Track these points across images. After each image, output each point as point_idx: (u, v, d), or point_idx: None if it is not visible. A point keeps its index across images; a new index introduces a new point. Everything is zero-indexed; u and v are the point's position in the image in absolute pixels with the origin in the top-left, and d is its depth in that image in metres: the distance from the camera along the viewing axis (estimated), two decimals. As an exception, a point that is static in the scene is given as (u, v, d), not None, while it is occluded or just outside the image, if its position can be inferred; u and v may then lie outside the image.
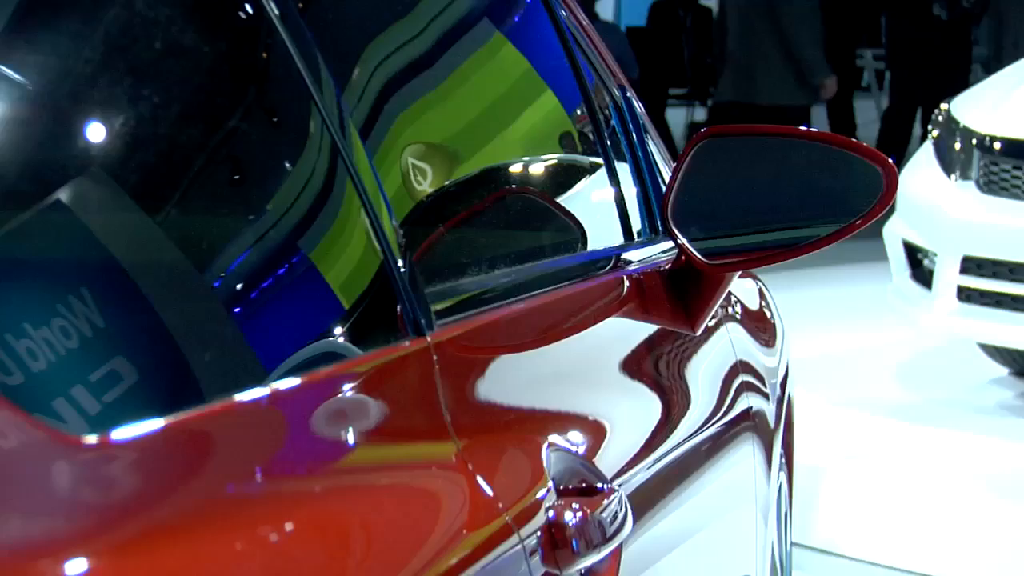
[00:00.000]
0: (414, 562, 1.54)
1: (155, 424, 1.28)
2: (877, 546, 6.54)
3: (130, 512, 1.23)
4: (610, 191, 2.69)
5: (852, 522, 6.62)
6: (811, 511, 4.61)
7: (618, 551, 1.95)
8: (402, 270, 1.78)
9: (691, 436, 2.56)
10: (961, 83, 12.32)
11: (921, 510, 6.89)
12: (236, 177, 1.69)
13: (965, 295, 7.88)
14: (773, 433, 3.32)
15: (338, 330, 1.69)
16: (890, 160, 2.70)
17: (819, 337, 6.14)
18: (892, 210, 3.34)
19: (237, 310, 1.57)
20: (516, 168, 2.51)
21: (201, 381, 1.42)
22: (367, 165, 1.80)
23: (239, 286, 1.59)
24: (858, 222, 2.63)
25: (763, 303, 3.51)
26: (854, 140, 2.89)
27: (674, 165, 2.75)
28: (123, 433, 1.24)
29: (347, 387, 1.62)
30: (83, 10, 1.52)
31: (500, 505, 1.73)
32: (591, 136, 2.76)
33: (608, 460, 2.09)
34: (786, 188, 2.71)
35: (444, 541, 1.62)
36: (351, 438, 1.59)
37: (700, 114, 14.84)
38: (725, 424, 2.81)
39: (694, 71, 15.15)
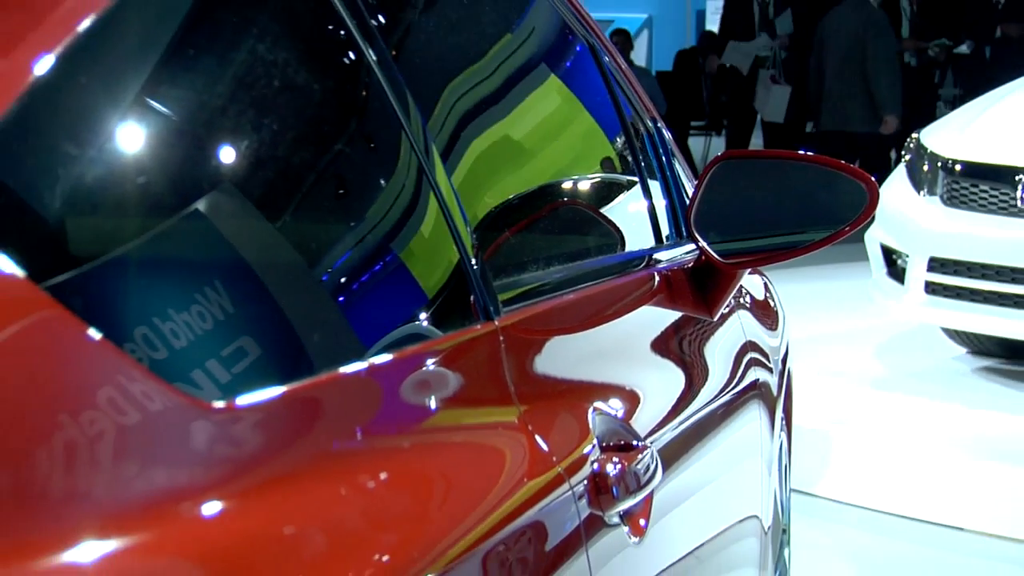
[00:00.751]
0: (484, 504, 1.55)
1: (274, 392, 1.30)
2: (859, 491, 6.54)
3: (252, 464, 1.25)
4: (643, 203, 2.70)
5: (840, 471, 6.62)
6: (806, 463, 4.59)
7: (650, 496, 1.96)
8: (475, 267, 1.79)
9: (709, 402, 2.56)
10: (928, 116, 12.26)
11: (894, 461, 6.90)
12: (341, 192, 1.70)
13: (931, 289, 7.87)
14: (776, 400, 3.32)
15: (423, 316, 1.70)
16: (872, 179, 2.72)
17: (813, 322, 6.12)
18: (873, 219, 3.31)
19: (341, 299, 1.58)
20: (567, 184, 2.52)
21: (312, 356, 1.44)
22: (447, 182, 1.81)
23: (342, 280, 1.60)
24: (846, 228, 2.67)
25: (768, 294, 3.51)
26: (843, 162, 2.90)
27: (696, 182, 2.76)
28: (247, 399, 1.26)
29: (430, 362, 1.62)
30: (218, 55, 1.52)
31: (554, 459, 1.74)
32: (628, 158, 2.78)
33: (642, 422, 2.09)
34: (788, 201, 2.72)
35: (509, 487, 1.63)
36: (433, 403, 1.60)
37: (716, 143, 14.77)
38: (736, 392, 2.81)
39: (711, 107, 15.09)
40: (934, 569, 5.93)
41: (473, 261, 1.81)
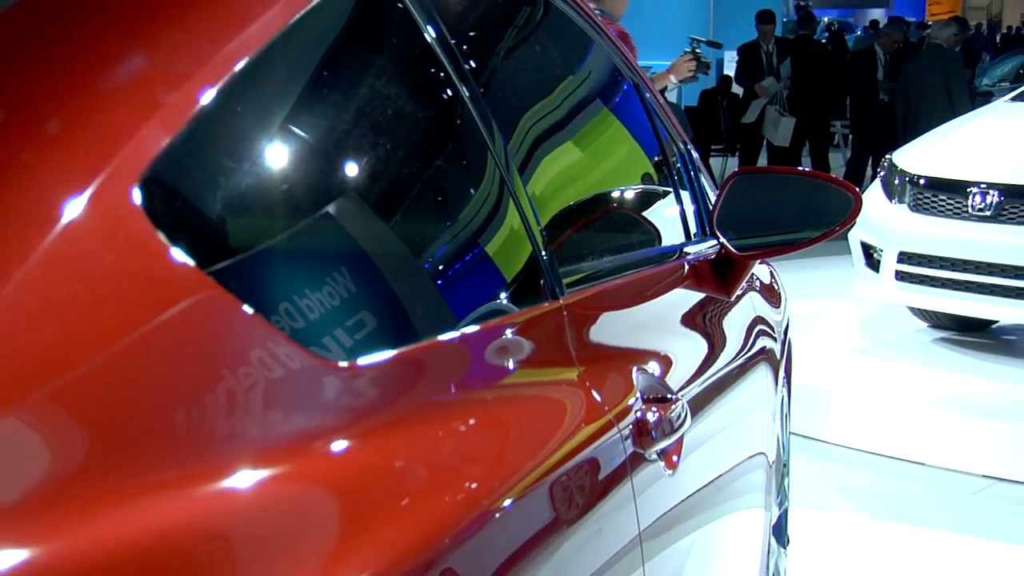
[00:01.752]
0: (551, 443, 1.55)
1: (386, 354, 1.30)
2: (842, 433, 6.54)
3: (369, 411, 1.25)
4: (676, 207, 2.69)
5: (827, 418, 6.59)
6: (802, 412, 4.56)
7: (681, 438, 1.95)
8: (544, 258, 1.78)
9: (727, 364, 2.55)
10: (898, 142, 12.27)
11: (869, 410, 6.88)
12: (439, 199, 1.70)
13: (900, 276, 7.82)
14: (779, 363, 3.30)
15: (504, 296, 1.70)
16: (856, 189, 2.73)
17: (807, 302, 6.10)
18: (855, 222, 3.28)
19: (439, 283, 1.58)
20: (615, 193, 2.53)
21: (416, 327, 1.43)
22: (523, 191, 1.80)
23: (440, 267, 1.60)
24: (837, 228, 2.67)
25: (773, 280, 3.49)
26: (835, 176, 2.91)
27: (717, 191, 2.76)
28: (365, 360, 1.26)
29: (509, 332, 1.62)
30: (347, 93, 1.52)
31: (606, 408, 1.73)
32: (664, 172, 2.78)
33: (674, 379, 2.08)
34: (790, 206, 2.71)
35: (571, 430, 1.62)
36: (511, 364, 1.60)
37: (731, 162, 14.72)
38: (748, 357, 2.79)
39: (727, 134, 15.01)
40: (898, 495, 5.88)
41: (543, 253, 1.80)
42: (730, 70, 15.55)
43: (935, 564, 5.07)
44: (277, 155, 1.32)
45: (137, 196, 1.04)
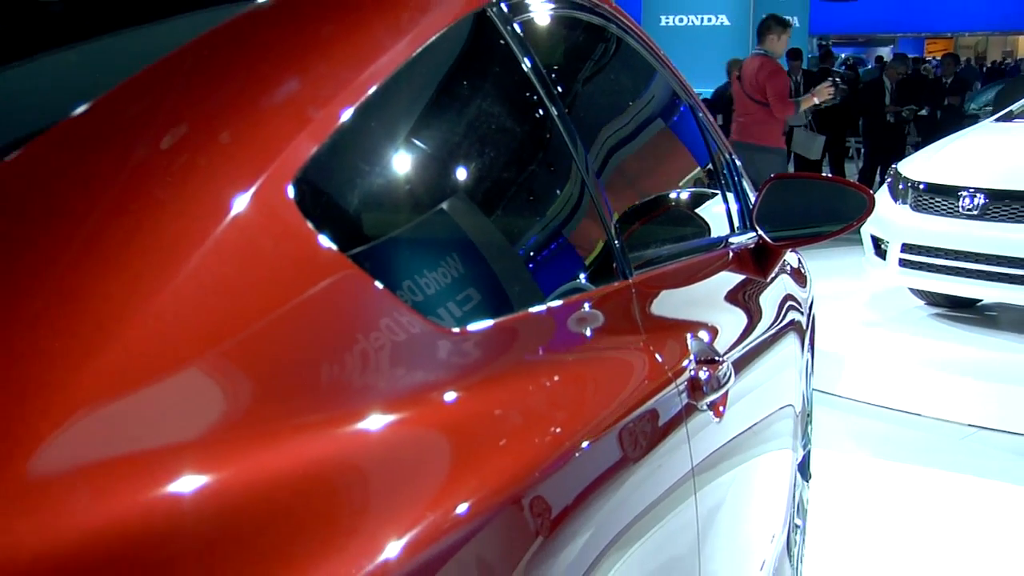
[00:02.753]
0: (621, 396, 1.54)
1: (488, 322, 1.29)
2: (853, 388, 6.48)
3: (474, 368, 1.24)
4: (722, 206, 2.67)
5: (842, 376, 6.52)
6: (822, 372, 4.55)
7: (726, 393, 1.93)
8: (617, 245, 1.77)
9: (763, 333, 2.53)
10: (900, 154, 12.13)
11: (875, 369, 6.76)
12: (531, 198, 1.69)
13: (903, 263, 7.73)
14: (804, 332, 3.28)
15: (583, 276, 1.68)
16: (871, 192, 2.72)
17: (826, 284, 6.03)
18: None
19: (530, 266, 1.56)
20: (673, 194, 2.50)
21: (512, 300, 1.42)
22: (599, 191, 1.79)
23: (531, 253, 1.59)
24: (854, 223, 2.65)
25: (800, 265, 3.47)
26: (853, 181, 2.89)
27: (756, 193, 2.75)
28: (472, 327, 1.26)
29: (587, 305, 1.60)
30: (459, 111, 1.52)
31: (666, 368, 1.71)
32: (713, 177, 2.76)
33: (720, 344, 2.06)
34: (815, 205, 2.69)
35: (637, 386, 1.61)
36: (588, 332, 1.58)
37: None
38: (780, 327, 2.77)
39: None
40: (898, 440, 5.83)
41: (616, 242, 1.78)
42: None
43: (927, 496, 5.04)
44: (402, 161, 1.32)
45: (290, 192, 1.05)
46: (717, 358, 1.94)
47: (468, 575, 1.04)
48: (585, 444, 1.33)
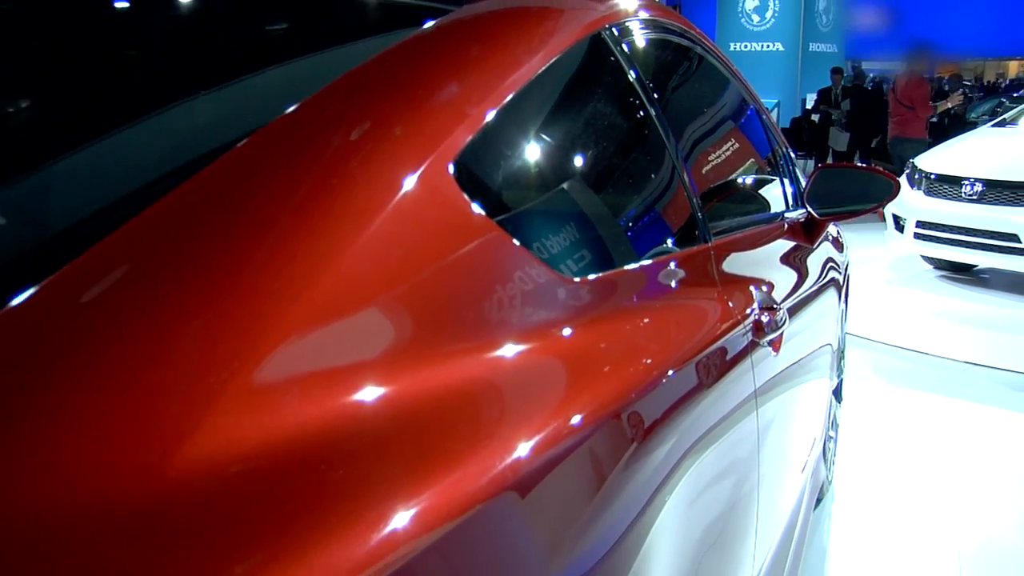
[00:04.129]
0: (700, 334, 1.48)
1: (598, 274, 1.27)
2: (875, 331, 6.30)
3: (587, 309, 1.21)
4: (779, 188, 2.62)
5: (867, 322, 6.34)
6: (851, 319, 4.52)
7: (781, 333, 1.88)
8: (700, 217, 1.73)
9: (809, 287, 2.47)
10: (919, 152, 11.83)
11: (893, 316, 6.61)
12: (631, 181, 1.64)
13: (917, 236, 7.65)
14: (841, 287, 3.22)
15: (671, 240, 1.63)
16: (897, 179, 2.66)
17: (856, 251, 5.90)
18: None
19: (631, 233, 1.51)
20: (741, 178, 2.42)
21: (616, 259, 1.38)
22: (686, 174, 1.74)
23: (631, 223, 1.54)
24: (884, 203, 2.63)
25: (839, 235, 3.41)
26: (882, 169, 2.82)
27: (806, 178, 2.70)
28: (587, 277, 1.23)
29: (673, 264, 1.55)
30: (576, 111, 1.50)
31: (735, 313, 1.66)
32: (772, 165, 2.70)
33: (778, 295, 2.00)
34: (852, 188, 2.63)
35: (713, 326, 1.55)
36: (674, 284, 1.53)
37: (808, 163, 14.39)
38: (823, 283, 2.73)
39: (807, 146, 14.57)
40: (909, 372, 5.69)
41: (699, 214, 1.73)
42: (810, 102, 15.21)
43: (929, 416, 4.95)
44: (534, 149, 1.28)
45: (451, 170, 1.04)
46: (775, 306, 1.89)
47: (581, 470, 1.01)
48: (671, 371, 1.29)
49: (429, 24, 1.25)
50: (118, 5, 1.50)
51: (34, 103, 1.22)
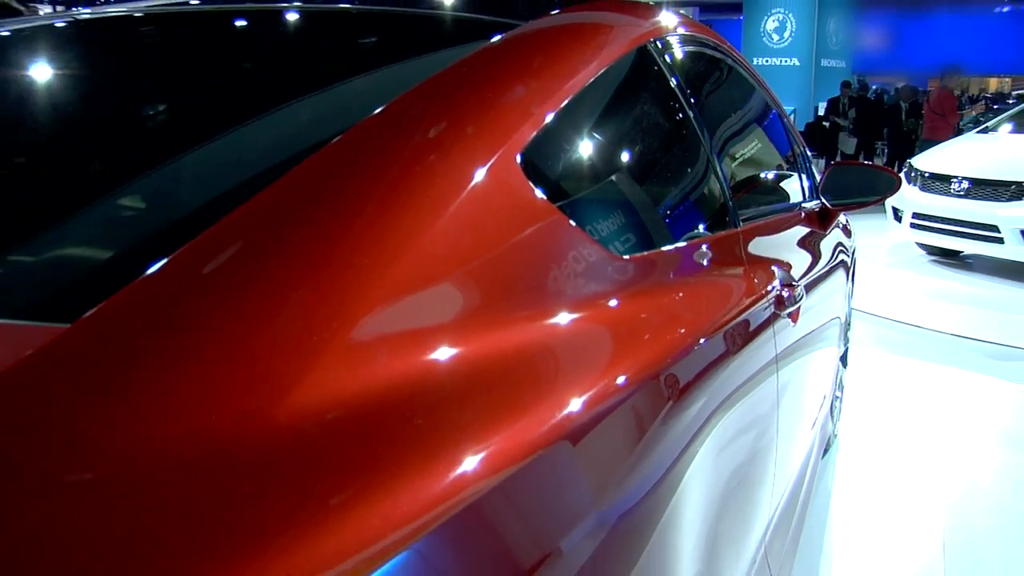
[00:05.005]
0: (729, 305, 1.43)
1: (642, 253, 1.24)
2: (876, 307, 6.18)
3: (630, 282, 1.17)
4: (797, 182, 2.54)
5: (869, 298, 6.20)
6: (856, 295, 4.47)
7: (799, 307, 1.82)
8: (730, 205, 1.67)
9: (822, 268, 2.41)
10: (913, 153, 11.55)
11: (891, 295, 6.46)
12: (669, 174, 1.59)
13: (913, 225, 7.51)
14: (849, 268, 3.15)
15: (703, 225, 1.58)
16: (899, 174, 2.62)
17: (861, 238, 5.80)
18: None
19: (669, 219, 1.46)
20: (763, 173, 2.36)
21: (655, 240, 1.33)
22: (718, 167, 1.69)
23: (668, 211, 1.49)
24: (887, 195, 2.55)
25: (847, 223, 3.31)
26: (886, 167, 2.74)
27: (821, 174, 2.63)
28: (631, 256, 1.20)
29: (704, 247, 1.49)
30: (624, 115, 1.46)
31: (760, 288, 1.61)
32: (791, 161, 2.61)
33: (796, 273, 1.95)
34: (860, 183, 2.57)
35: (739, 299, 1.50)
36: (706, 262, 1.48)
37: (820, 163, 14.17)
38: (833, 264, 2.66)
39: (819, 147, 14.32)
40: (904, 342, 5.59)
41: (730, 203, 1.68)
42: (821, 109, 14.97)
43: (920, 379, 4.85)
44: (587, 145, 1.25)
45: (518, 160, 1.01)
46: (793, 283, 1.84)
47: (625, 423, 0.98)
48: (703, 339, 1.25)
49: (498, 37, 1.22)
50: (239, 24, 1.51)
51: (177, 107, 1.25)
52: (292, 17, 1.52)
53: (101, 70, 1.41)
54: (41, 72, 1.39)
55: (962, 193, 7.13)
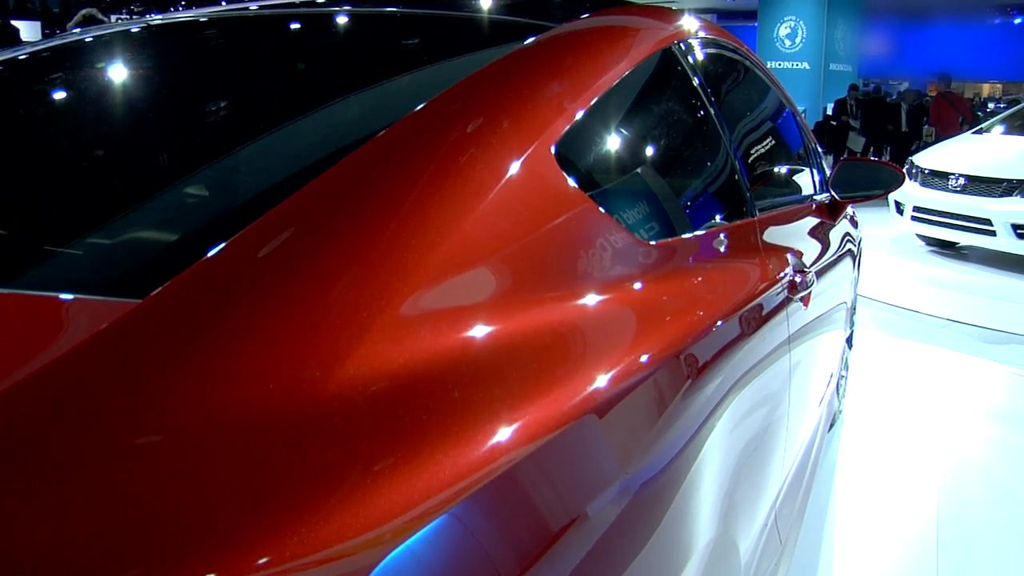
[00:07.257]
0: (745, 289, 1.40)
1: (665, 239, 1.20)
2: (879, 293, 6.07)
3: (655, 265, 1.14)
4: (809, 176, 2.48)
5: (872, 285, 6.08)
6: (861, 282, 4.42)
7: (810, 291, 1.79)
8: (748, 196, 1.63)
9: (831, 256, 2.36)
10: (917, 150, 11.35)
11: (892, 282, 6.34)
12: (690, 168, 1.55)
13: (913, 218, 7.37)
14: (856, 257, 3.09)
15: (720, 215, 1.54)
16: (903, 170, 2.54)
17: (865, 229, 5.72)
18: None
19: (689, 211, 1.42)
20: (778, 167, 2.31)
21: (678, 228, 1.29)
22: (737, 162, 1.64)
23: (690, 202, 1.45)
24: (892, 189, 2.50)
25: (854, 214, 3.25)
26: (891, 163, 2.68)
27: (831, 169, 2.58)
28: (655, 242, 1.16)
29: (723, 234, 1.46)
30: (650, 114, 1.43)
31: (774, 271, 1.57)
32: (803, 157, 2.55)
33: (807, 260, 1.90)
34: (867, 177, 2.51)
35: (755, 283, 1.46)
36: (724, 249, 1.44)
37: (828, 159, 13.89)
38: (841, 253, 2.60)
39: (827, 145, 14.10)
40: (903, 324, 5.50)
41: (747, 193, 1.64)
42: (830, 110, 14.74)
43: (916, 359, 4.77)
44: (615, 139, 1.22)
45: (552, 151, 0.99)
46: (805, 269, 1.79)
47: (647, 398, 0.96)
48: (721, 321, 1.22)
49: (532, 39, 1.19)
50: (294, 27, 1.49)
51: (225, 108, 1.23)
52: (342, 20, 1.50)
53: (172, 71, 1.40)
54: (117, 73, 1.38)
55: (959, 189, 7.01)
